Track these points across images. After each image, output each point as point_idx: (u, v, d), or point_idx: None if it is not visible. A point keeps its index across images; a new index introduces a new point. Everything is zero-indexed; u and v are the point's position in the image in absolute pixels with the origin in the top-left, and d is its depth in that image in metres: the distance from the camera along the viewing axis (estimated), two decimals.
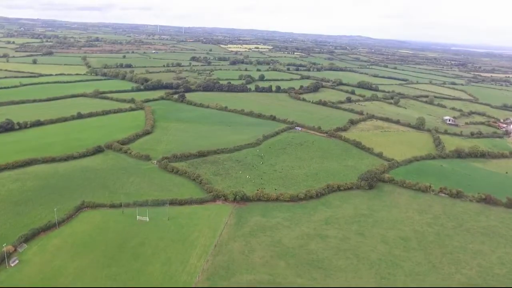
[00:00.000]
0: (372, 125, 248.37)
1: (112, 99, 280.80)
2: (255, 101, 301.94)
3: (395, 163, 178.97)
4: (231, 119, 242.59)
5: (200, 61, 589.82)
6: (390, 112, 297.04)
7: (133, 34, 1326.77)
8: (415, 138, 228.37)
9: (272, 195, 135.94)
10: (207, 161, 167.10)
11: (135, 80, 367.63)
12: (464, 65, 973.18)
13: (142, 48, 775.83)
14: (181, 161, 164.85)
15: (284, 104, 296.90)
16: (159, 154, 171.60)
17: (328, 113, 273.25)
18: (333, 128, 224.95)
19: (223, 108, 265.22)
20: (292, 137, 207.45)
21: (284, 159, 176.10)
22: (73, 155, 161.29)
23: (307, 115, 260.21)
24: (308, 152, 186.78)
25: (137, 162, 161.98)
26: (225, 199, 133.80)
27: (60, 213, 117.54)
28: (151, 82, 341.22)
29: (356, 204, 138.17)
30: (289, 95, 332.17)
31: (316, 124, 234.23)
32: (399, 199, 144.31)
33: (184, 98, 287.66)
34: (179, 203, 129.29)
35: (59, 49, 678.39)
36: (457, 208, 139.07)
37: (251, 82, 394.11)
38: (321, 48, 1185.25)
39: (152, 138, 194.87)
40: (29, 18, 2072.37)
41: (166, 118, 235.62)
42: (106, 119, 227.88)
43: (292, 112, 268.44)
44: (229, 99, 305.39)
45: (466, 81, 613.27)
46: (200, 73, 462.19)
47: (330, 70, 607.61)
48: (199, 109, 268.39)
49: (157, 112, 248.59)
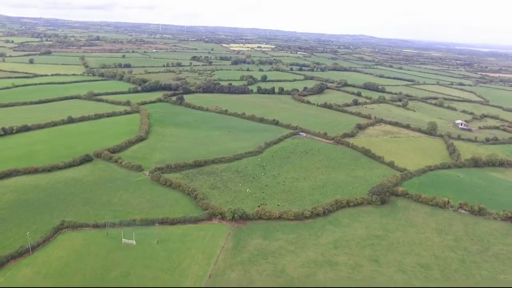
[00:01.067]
0: (381, 130, 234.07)
1: (107, 102, 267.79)
2: (257, 104, 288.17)
3: (408, 174, 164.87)
4: (231, 123, 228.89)
5: (201, 61, 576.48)
6: (399, 115, 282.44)
7: (134, 33, 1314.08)
8: (427, 145, 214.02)
9: (274, 213, 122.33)
10: (204, 172, 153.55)
11: (133, 80, 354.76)
12: (470, 65, 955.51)
13: (143, 48, 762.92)
14: (175, 172, 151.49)
15: (288, 107, 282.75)
16: (152, 163, 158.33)
17: (334, 117, 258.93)
18: (340, 134, 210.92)
19: (223, 111, 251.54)
20: (296, 144, 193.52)
21: (288, 169, 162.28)
22: (58, 166, 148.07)
23: (311, 119, 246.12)
24: (314, 161, 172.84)
25: (127, 173, 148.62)
26: (222, 218, 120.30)
27: (37, 235, 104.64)
28: (149, 83, 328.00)
29: (368, 223, 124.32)
30: (293, 97, 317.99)
31: (322, 129, 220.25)
32: (415, 217, 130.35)
33: (182, 100, 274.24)
34: (170, 223, 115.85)
35: (58, 48, 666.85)
36: (480, 227, 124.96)
37: (253, 83, 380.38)
38: (324, 47, 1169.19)
39: (145, 145, 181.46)
40: (31, 17, 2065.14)
41: (162, 123, 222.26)
42: (98, 123, 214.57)
43: (296, 115, 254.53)
44: (230, 101, 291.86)
45: (474, 81, 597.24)
46: (200, 73, 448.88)
47: (334, 70, 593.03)
48: (198, 112, 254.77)
49: (153, 116, 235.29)
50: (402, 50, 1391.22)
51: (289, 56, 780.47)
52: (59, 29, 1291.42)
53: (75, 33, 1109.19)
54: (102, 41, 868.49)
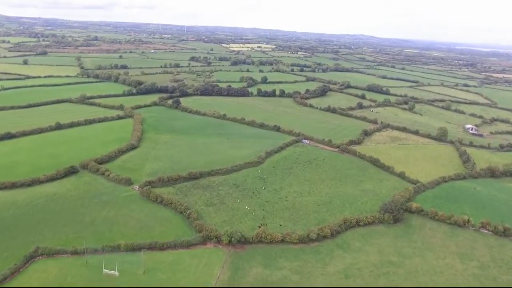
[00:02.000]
0: (389, 136, 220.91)
1: (100, 105, 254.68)
2: (257, 107, 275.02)
3: (421, 187, 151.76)
4: (230, 129, 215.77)
5: (200, 62, 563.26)
6: (406, 119, 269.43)
7: (134, 33, 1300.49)
8: (438, 152, 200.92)
9: (276, 236, 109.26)
10: (199, 186, 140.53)
11: (128, 82, 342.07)
12: (473, 65, 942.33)
13: (141, 48, 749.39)
14: (168, 186, 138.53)
15: (289, 111, 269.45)
16: (143, 176, 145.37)
17: (339, 122, 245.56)
18: (346, 141, 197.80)
19: (221, 116, 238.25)
20: (299, 152, 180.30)
21: (291, 182, 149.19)
22: (39, 179, 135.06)
23: (315, 125, 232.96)
24: (319, 172, 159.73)
25: (115, 188, 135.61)
26: (218, 241, 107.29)
27: (6, 264, 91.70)
28: (145, 85, 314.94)
29: (381, 246, 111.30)
30: (294, 100, 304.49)
31: (326, 136, 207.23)
32: (433, 238, 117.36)
33: (179, 104, 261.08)
34: (160, 248, 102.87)
35: (55, 48, 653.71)
36: (507, 251, 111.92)
37: (253, 85, 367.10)
38: (325, 47, 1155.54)
39: (137, 155, 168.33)
40: (30, 17, 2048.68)
41: (156, 129, 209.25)
42: (88, 130, 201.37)
43: (298, 120, 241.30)
44: (229, 104, 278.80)
45: (478, 82, 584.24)
46: (199, 74, 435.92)
47: (336, 71, 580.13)
48: (194, 117, 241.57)
49: (147, 121, 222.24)
50: (403, 50, 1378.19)
51: (290, 57, 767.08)
52: (58, 29, 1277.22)
53: (73, 33, 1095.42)
54: (100, 41, 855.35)
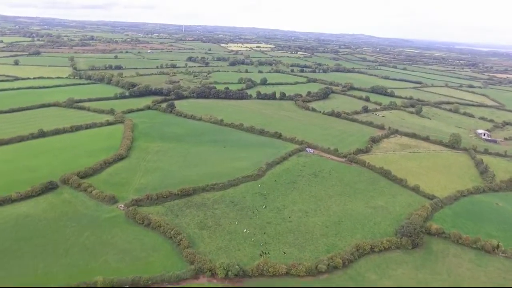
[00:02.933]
0: (398, 144, 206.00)
1: (89, 110, 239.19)
2: (256, 112, 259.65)
3: (439, 203, 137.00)
4: (227, 136, 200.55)
5: (197, 62, 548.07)
6: (414, 124, 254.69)
7: (132, 32, 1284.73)
8: (452, 162, 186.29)
9: (280, 268, 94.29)
10: (192, 204, 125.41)
11: (121, 84, 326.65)
12: (475, 65, 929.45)
13: (137, 48, 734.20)
14: (157, 204, 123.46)
15: (291, 115, 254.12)
16: (130, 192, 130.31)
17: (344, 127, 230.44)
18: (353, 149, 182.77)
19: (218, 121, 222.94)
20: (303, 163, 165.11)
21: (295, 198, 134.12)
22: (11, 197, 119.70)
23: (318, 131, 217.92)
24: (325, 186, 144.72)
25: (97, 207, 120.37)
26: (212, 275, 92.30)
27: None
28: (138, 87, 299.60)
29: (401, 279, 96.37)
30: (296, 104, 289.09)
31: (331, 143, 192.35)
32: (459, 268, 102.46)
33: (173, 108, 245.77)
34: (144, 285, 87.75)
35: (49, 48, 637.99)
36: None
37: (252, 87, 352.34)
38: (325, 47, 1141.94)
39: (125, 167, 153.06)
40: (28, 17, 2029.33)
41: (148, 136, 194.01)
42: (74, 137, 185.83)
43: (301, 126, 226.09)
44: (227, 108, 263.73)
45: (482, 83, 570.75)
46: (196, 75, 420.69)
47: (337, 72, 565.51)
48: (189, 122, 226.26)
49: (138, 127, 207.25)
50: (404, 50, 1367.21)
51: (289, 57, 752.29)
52: (54, 28, 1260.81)
53: (70, 32, 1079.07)
54: (97, 41, 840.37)
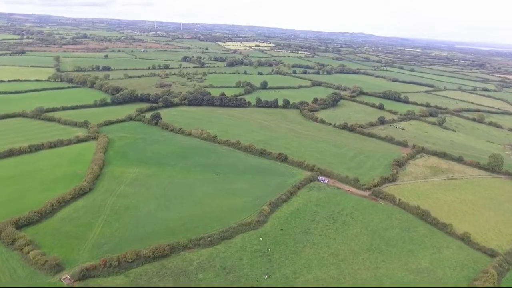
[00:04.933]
0: (427, 167, 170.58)
1: (60, 122, 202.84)
2: (256, 124, 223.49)
3: (503, 263, 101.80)
4: (221, 159, 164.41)
5: (193, 62, 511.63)
6: (440, 139, 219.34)
7: (128, 30, 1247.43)
8: (498, 192, 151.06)
9: None
10: (168, 272, 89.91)
11: (105, 88, 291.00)
12: (482, 65, 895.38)
13: (131, 46, 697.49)
14: (118, 273, 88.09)
15: (297, 129, 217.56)
16: (83, 251, 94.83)
17: (360, 145, 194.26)
18: (376, 177, 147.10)
19: (210, 137, 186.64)
20: (316, 200, 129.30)
21: (309, 259, 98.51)
22: None
23: (331, 150, 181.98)
24: (348, 237, 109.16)
25: (32, 278, 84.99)
26: None
27: None
28: (122, 93, 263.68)
29: None
30: (302, 113, 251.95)
31: (348, 168, 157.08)
32: None
33: (159, 119, 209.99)
34: None
35: (37, 46, 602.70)
36: None
37: (251, 92, 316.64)
38: (326, 46, 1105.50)
39: (86, 206, 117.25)
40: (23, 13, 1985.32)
41: (124, 158, 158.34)
42: (30, 161, 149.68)
43: (310, 144, 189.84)
44: (222, 119, 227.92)
45: (496, 86, 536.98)
46: (190, 77, 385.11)
47: (342, 73, 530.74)
48: (177, 138, 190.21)
49: (115, 145, 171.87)
50: (406, 49, 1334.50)
51: (290, 56, 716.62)
52: (48, 26, 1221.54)
53: (63, 30, 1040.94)
54: (89, 39, 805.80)
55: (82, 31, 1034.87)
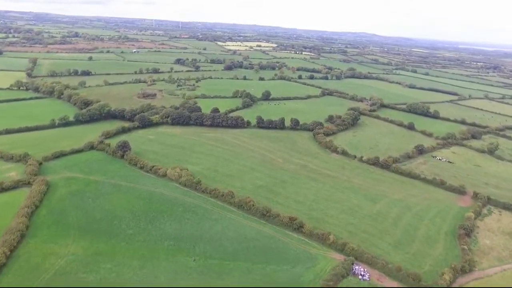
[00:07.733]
0: (505, 233, 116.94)
1: None
2: (257, 157, 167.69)
3: None
4: (203, 227, 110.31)
5: (187, 65, 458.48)
6: (501, 178, 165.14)
7: (125, 29, 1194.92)
8: None
9: None
10: None
11: (73, 101, 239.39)
12: (497, 68, 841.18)
13: (123, 46, 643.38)
14: None
15: (312, 167, 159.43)
16: None
17: (402, 195, 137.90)
18: (444, 271, 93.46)
19: (192, 183, 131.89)
20: None
21: None
22: None
23: (365, 207, 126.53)
24: None
25: None
26: None
27: None
28: (89, 109, 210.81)
29: None
30: (315, 139, 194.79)
31: (393, 240, 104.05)
32: None
33: (126, 150, 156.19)
34: None
35: (20, 46, 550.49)
36: None
37: (250, 105, 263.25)
38: (331, 46, 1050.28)
39: None
40: (20, 11, 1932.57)
41: (59, 223, 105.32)
42: None
43: (333, 195, 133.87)
44: (211, 148, 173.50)
45: None
46: (180, 84, 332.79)
47: (352, 78, 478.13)
48: (145, 181, 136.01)
49: (54, 197, 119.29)
50: (412, 50, 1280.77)
51: (294, 58, 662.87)
52: (41, 24, 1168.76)
53: (56, 28, 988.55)
54: (80, 38, 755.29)
55: (75, 29, 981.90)
